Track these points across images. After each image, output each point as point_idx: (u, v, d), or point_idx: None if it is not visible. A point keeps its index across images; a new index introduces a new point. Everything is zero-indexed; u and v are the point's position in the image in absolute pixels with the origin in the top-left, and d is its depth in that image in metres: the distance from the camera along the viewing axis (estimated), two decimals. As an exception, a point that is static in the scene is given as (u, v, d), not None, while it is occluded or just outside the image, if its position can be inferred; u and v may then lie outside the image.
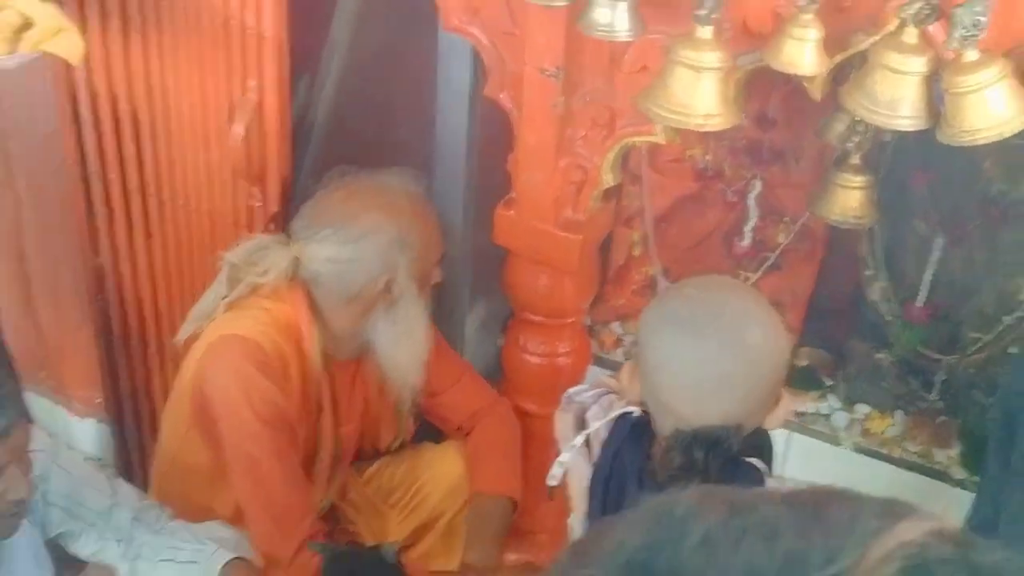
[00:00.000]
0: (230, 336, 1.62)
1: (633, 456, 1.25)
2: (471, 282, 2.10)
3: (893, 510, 0.33)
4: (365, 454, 1.98)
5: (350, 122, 1.95)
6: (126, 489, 1.64)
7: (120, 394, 2.15)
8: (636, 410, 1.26)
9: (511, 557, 1.90)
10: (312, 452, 1.75)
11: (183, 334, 1.70)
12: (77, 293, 2.06)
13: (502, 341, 2.29)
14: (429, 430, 2.04)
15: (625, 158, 1.68)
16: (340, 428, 1.79)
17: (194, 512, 1.69)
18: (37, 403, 2.14)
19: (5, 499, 1.33)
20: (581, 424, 1.34)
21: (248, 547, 1.59)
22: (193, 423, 1.71)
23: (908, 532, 0.30)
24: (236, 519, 1.69)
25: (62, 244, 2.04)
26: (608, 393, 1.36)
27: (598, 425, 1.30)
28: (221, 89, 1.72)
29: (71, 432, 2.29)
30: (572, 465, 1.33)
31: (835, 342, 2.11)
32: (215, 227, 1.90)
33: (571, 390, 1.41)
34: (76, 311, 2.09)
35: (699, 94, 1.07)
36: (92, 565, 1.71)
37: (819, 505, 0.34)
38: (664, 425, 1.18)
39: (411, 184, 1.74)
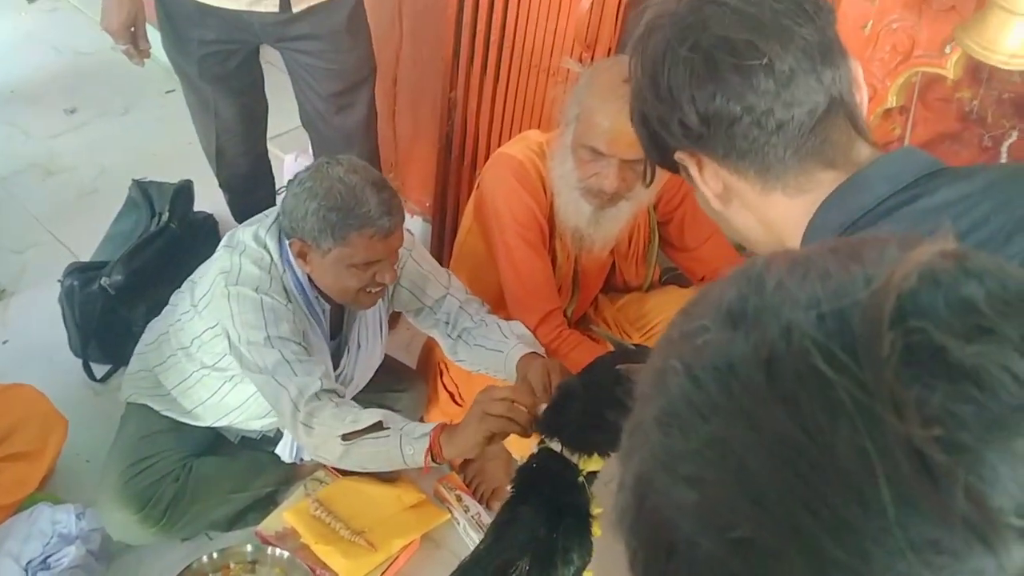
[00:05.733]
0: (504, 154, 1.94)
1: None
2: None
3: (910, 241, 0.38)
4: (617, 287, 2.23)
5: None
6: (457, 283, 1.95)
7: (445, 201, 2.53)
8: None
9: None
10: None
11: None
12: (431, 116, 2.43)
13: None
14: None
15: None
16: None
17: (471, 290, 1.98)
18: (382, 195, 2.57)
19: (375, 281, 1.67)
20: None
21: (541, 347, 1.82)
22: (475, 218, 2.02)
23: (921, 255, 0.36)
24: (497, 298, 1.98)
25: (428, 75, 2.40)
26: None
27: None
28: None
29: (402, 223, 2.70)
30: None
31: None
32: (548, 84, 2.19)
33: None
34: (427, 130, 2.46)
35: (1009, 35, 1.23)
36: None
37: (855, 248, 0.39)
38: None
39: None
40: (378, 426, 1.55)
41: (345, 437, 1.55)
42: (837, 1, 1.70)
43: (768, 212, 0.88)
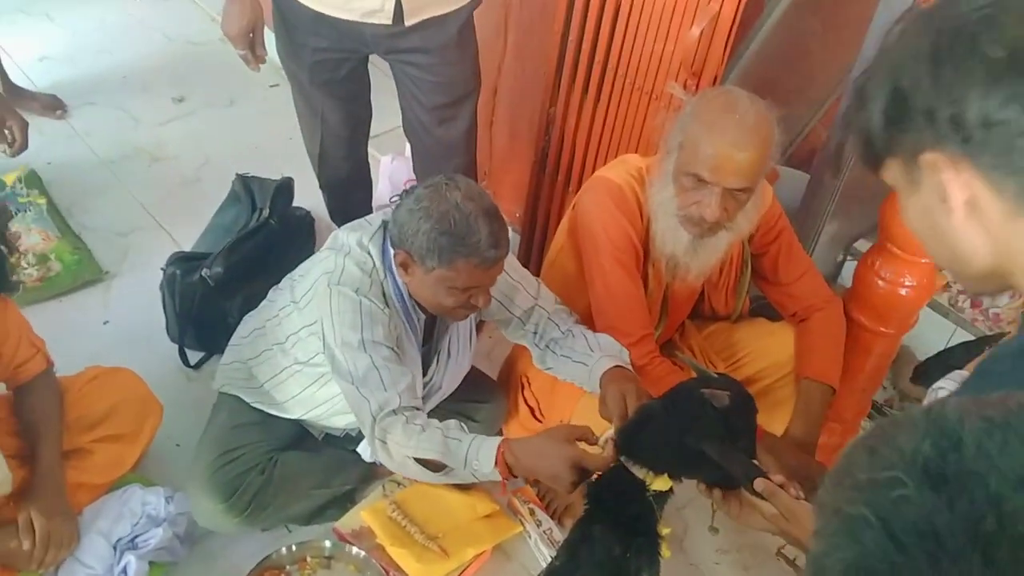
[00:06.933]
0: (602, 178, 1.93)
1: None
2: (833, 205, 2.25)
3: None
4: (704, 315, 2.20)
5: (779, 48, 2.13)
6: (546, 293, 1.96)
7: (535, 215, 2.53)
8: None
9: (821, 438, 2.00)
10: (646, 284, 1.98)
11: None
12: (528, 129, 2.43)
13: (842, 257, 2.44)
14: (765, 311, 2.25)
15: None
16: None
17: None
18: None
19: (469, 305, 1.71)
20: None
21: (627, 358, 1.83)
22: (568, 237, 2.03)
23: None
24: (586, 318, 1.98)
25: (528, 89, 2.40)
26: None
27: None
28: (692, -2, 1.95)
29: (491, 232, 2.71)
30: None
31: None
32: (650, 106, 2.17)
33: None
34: (523, 142, 2.47)
35: None
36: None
37: None
38: None
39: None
40: (441, 463, 1.62)
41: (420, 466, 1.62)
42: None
43: (1011, 239, 0.78)
